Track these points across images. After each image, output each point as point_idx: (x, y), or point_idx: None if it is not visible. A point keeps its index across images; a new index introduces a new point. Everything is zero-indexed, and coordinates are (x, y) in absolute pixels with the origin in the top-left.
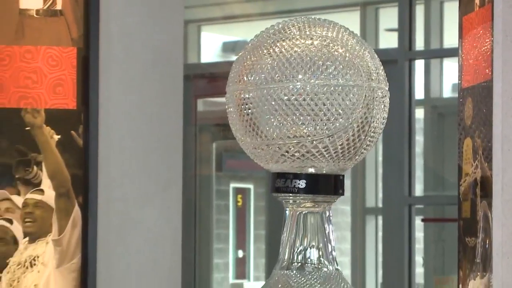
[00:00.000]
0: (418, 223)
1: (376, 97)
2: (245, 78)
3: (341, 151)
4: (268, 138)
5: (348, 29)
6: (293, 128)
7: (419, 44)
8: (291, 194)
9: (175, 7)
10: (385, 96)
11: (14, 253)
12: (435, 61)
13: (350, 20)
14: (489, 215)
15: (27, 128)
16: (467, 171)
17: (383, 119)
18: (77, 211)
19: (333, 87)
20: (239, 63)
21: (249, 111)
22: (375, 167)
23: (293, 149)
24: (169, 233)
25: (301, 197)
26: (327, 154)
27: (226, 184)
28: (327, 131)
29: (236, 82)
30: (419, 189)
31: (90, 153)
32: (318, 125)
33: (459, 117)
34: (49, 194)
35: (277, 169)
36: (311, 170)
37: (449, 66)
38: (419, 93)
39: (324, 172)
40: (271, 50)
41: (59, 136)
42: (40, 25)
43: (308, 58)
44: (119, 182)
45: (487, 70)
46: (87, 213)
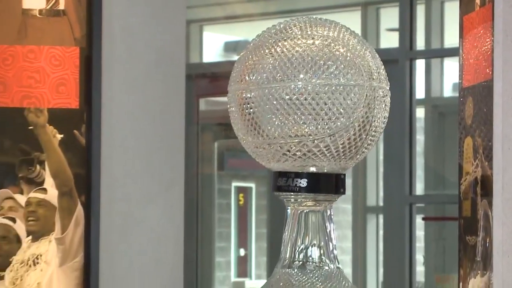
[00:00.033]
0: (419, 222)
1: (377, 97)
2: (247, 77)
3: (342, 150)
4: (270, 137)
5: (349, 29)
6: (295, 127)
7: (420, 43)
8: (292, 193)
9: (177, 7)
10: (386, 95)
11: (17, 251)
12: (435, 60)
13: (351, 20)
14: (490, 213)
15: (30, 127)
16: (468, 170)
17: (384, 119)
18: (79, 210)
19: (334, 87)
20: (241, 62)
21: (251, 110)
22: (376, 166)
23: (294, 148)
24: (171, 231)
25: (302, 196)
26: (328, 153)
27: (228, 183)
28: (328, 130)
29: (238, 81)
30: (419, 188)
31: (92, 152)
32: (319, 124)
33: (459, 116)
34: (52, 193)
35: (278, 168)
36: (313, 169)
37: (450, 65)
38: (420, 92)
39: (325, 171)
40: (272, 50)
41: (62, 135)
42: (43, 25)
43: (310, 58)
44: (121, 181)
45: (487, 70)
46: (90, 212)
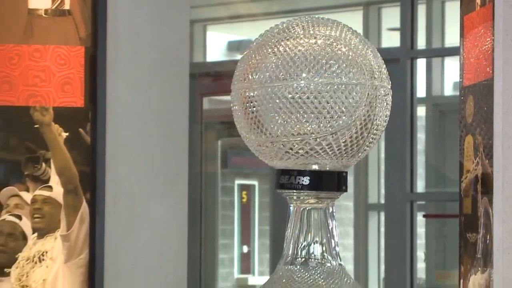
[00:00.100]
0: (420, 219)
1: (379, 95)
2: (250, 76)
3: (344, 148)
4: (273, 136)
5: (351, 28)
6: (297, 126)
7: (421, 43)
8: (295, 191)
9: (181, 7)
10: (388, 94)
11: (23, 248)
12: (436, 59)
13: (353, 20)
14: (490, 211)
15: (35, 126)
16: (468, 168)
17: (386, 117)
18: (85, 207)
19: (336, 86)
20: (244, 61)
21: (254, 109)
22: (378, 164)
23: (297, 146)
24: (175, 229)
25: (305, 193)
26: (330, 151)
27: (231, 180)
28: (330, 129)
29: (241, 80)
30: (420, 186)
31: (97, 150)
32: (321, 122)
33: (460, 115)
34: (57, 191)
35: (281, 166)
36: (315, 167)
37: (451, 64)
38: (421, 91)
39: (328, 169)
40: (275, 49)
41: (67, 134)
42: (49, 25)
43: (312, 57)
44: (126, 178)
45: (488, 69)
46: (95, 209)
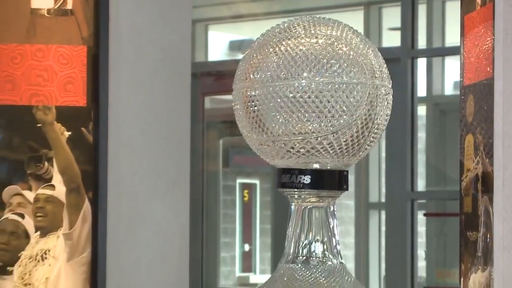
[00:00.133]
0: (421, 218)
1: (380, 95)
2: (251, 76)
3: (345, 147)
4: (274, 135)
5: (352, 28)
6: (298, 125)
7: (421, 42)
8: (296, 189)
9: (183, 7)
10: (388, 93)
11: (25, 246)
12: (437, 59)
13: (354, 19)
14: (490, 210)
15: (38, 125)
16: (469, 166)
17: (386, 116)
18: (87, 206)
19: (337, 85)
20: (245, 61)
21: (255, 108)
22: (378, 163)
23: (298, 145)
24: (177, 227)
25: (306, 192)
26: (331, 150)
27: (233, 179)
28: (331, 128)
29: (242, 80)
30: (421, 185)
31: (100, 149)
32: (322, 122)
33: (460, 114)
34: (60, 189)
35: (282, 165)
36: (316, 166)
37: (451, 64)
38: (421, 90)
39: (329, 167)
40: (276, 49)
41: (69, 133)
42: (51, 24)
43: (313, 57)
44: (128, 177)
45: (488, 68)
46: (97, 208)
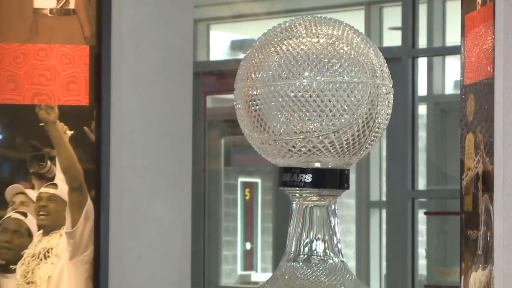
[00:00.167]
0: (421, 216)
1: (381, 94)
2: (253, 75)
3: (346, 146)
4: (275, 134)
5: (353, 27)
6: (300, 124)
7: (422, 42)
8: (297, 188)
9: (185, 6)
10: (389, 92)
11: (28, 245)
12: (437, 58)
13: (355, 19)
14: (491, 208)
15: (41, 124)
16: (469, 165)
17: (387, 115)
18: (89, 205)
19: (338, 84)
20: (247, 60)
21: (257, 107)
22: (379, 162)
23: (299, 144)
24: (179, 226)
25: (307, 191)
26: (332, 149)
27: (234, 178)
28: (332, 127)
29: (244, 79)
30: (422, 183)
31: (102, 148)
32: (324, 121)
33: (461, 113)
34: (62, 188)
35: (284, 163)
36: (317, 165)
37: (452, 63)
38: (422, 89)
39: (330, 166)
40: (278, 48)
41: (72, 132)
42: (54, 24)
43: (314, 56)
44: (130, 176)
45: (488, 68)
46: (99, 206)
